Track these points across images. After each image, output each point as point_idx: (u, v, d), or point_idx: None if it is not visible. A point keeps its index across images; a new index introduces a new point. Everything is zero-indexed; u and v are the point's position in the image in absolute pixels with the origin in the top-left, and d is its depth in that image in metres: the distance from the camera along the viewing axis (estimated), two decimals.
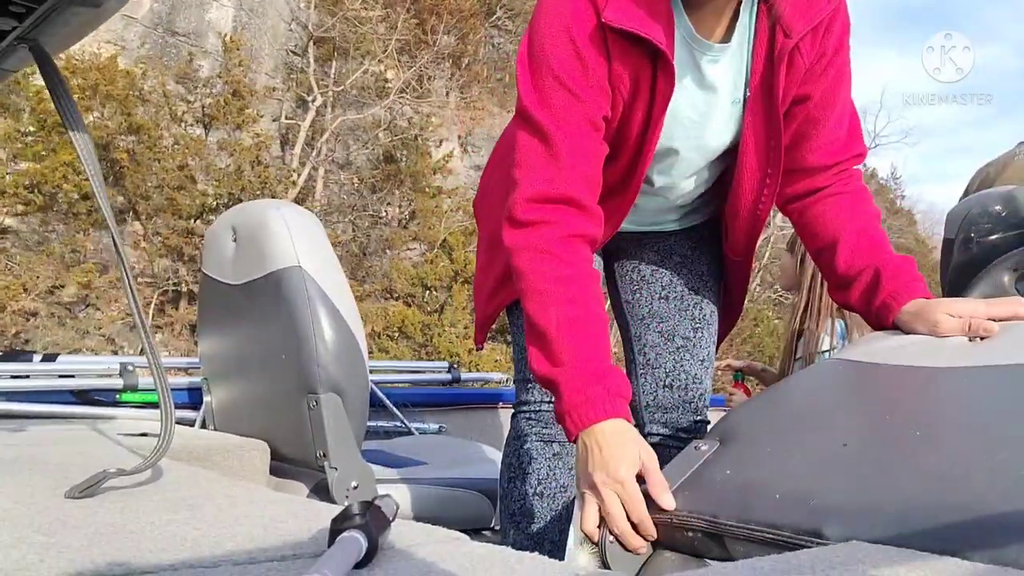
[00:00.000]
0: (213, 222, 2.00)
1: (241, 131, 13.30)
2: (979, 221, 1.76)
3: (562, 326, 1.12)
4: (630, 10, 1.15)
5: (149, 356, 1.06)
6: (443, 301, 14.55)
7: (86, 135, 1.00)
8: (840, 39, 1.25)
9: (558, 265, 1.16)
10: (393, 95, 15.45)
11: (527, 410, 1.46)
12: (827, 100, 1.27)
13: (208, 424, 2.04)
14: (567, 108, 1.17)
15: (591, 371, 1.10)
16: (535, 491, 1.43)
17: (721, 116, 1.30)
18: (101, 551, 0.74)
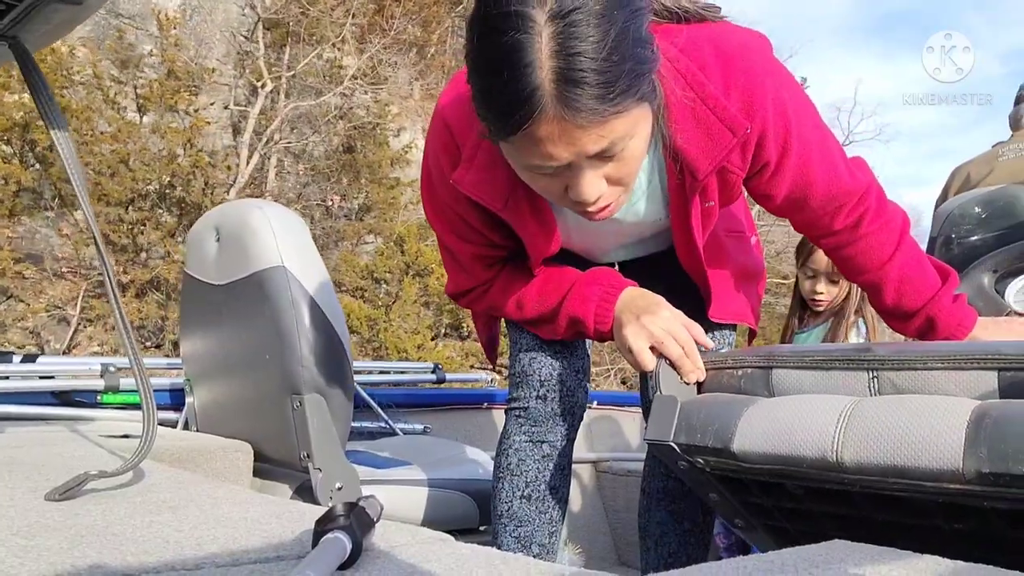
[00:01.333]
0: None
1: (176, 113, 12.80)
2: (960, 222, 1.78)
3: (538, 295, 1.30)
4: (477, 173, 1.17)
5: (131, 357, 1.06)
6: (394, 295, 14.28)
7: (67, 133, 1.00)
8: (784, 145, 1.15)
9: (502, 281, 1.34)
10: (347, 81, 14.99)
11: (516, 407, 1.44)
12: (802, 184, 1.21)
13: (191, 425, 2.02)
14: (461, 228, 1.29)
15: (580, 286, 1.27)
16: (523, 493, 1.42)
17: (641, 227, 1.32)
18: (82, 554, 0.73)
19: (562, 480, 1.44)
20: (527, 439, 1.42)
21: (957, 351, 0.92)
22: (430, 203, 1.31)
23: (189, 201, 12.04)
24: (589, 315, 1.25)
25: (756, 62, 1.11)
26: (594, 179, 1.00)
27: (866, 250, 1.29)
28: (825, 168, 1.21)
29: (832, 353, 1.02)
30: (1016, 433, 0.79)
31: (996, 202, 1.78)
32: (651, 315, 1.18)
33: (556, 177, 1.01)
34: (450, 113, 1.20)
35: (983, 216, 1.76)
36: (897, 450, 0.86)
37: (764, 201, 1.26)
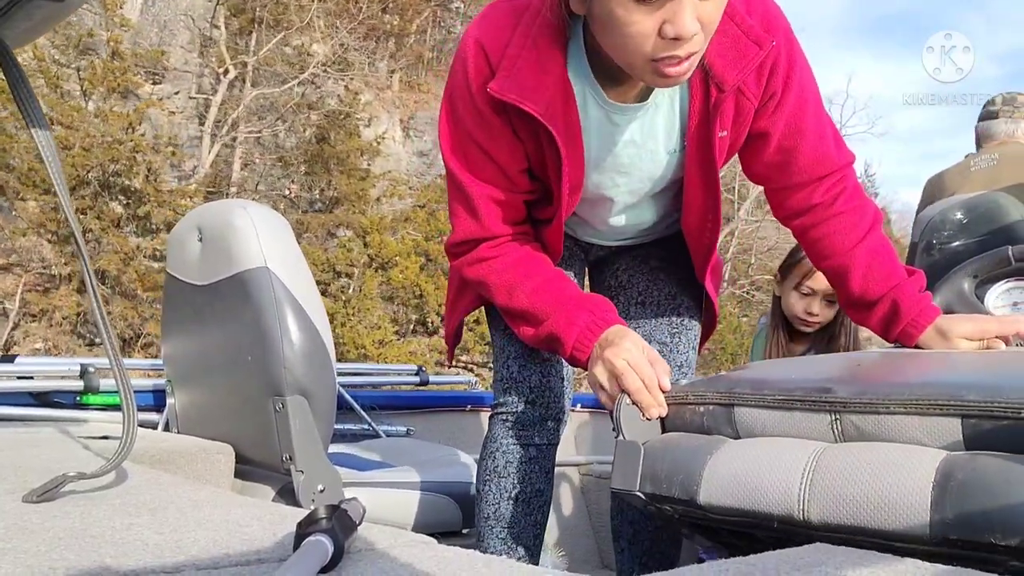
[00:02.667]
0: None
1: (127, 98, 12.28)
2: (941, 228, 1.80)
3: (532, 293, 1.29)
4: (516, 81, 1.19)
5: (111, 357, 1.05)
6: (355, 289, 13.77)
7: (48, 132, 0.99)
8: (787, 77, 1.24)
9: (503, 262, 1.32)
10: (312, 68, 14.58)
11: (504, 412, 1.46)
12: (794, 129, 1.28)
13: (172, 427, 2.01)
14: (480, 164, 1.28)
15: (574, 305, 1.27)
16: (510, 495, 1.43)
17: (654, 166, 1.33)
18: (60, 556, 0.72)
19: (547, 483, 1.46)
20: (514, 442, 1.44)
21: (920, 396, 0.90)
22: (451, 136, 1.29)
23: (134, 189, 11.69)
24: (570, 339, 1.25)
25: None
26: (694, 12, 1.03)
27: (838, 231, 1.33)
28: (816, 123, 1.29)
29: (793, 393, 1.00)
30: (982, 498, 0.77)
31: (978, 208, 1.80)
32: (614, 347, 1.18)
33: (655, 11, 1.03)
34: (484, 32, 1.22)
35: (964, 222, 1.78)
36: (863, 510, 0.85)
37: (763, 143, 1.30)
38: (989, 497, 0.77)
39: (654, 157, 1.31)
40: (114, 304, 11.79)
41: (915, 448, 0.88)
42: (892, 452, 0.88)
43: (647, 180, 1.36)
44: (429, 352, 13.20)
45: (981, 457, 0.82)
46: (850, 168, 1.34)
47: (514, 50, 1.19)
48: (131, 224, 11.93)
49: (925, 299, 1.32)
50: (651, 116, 1.27)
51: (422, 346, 13.37)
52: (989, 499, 0.77)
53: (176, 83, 14.14)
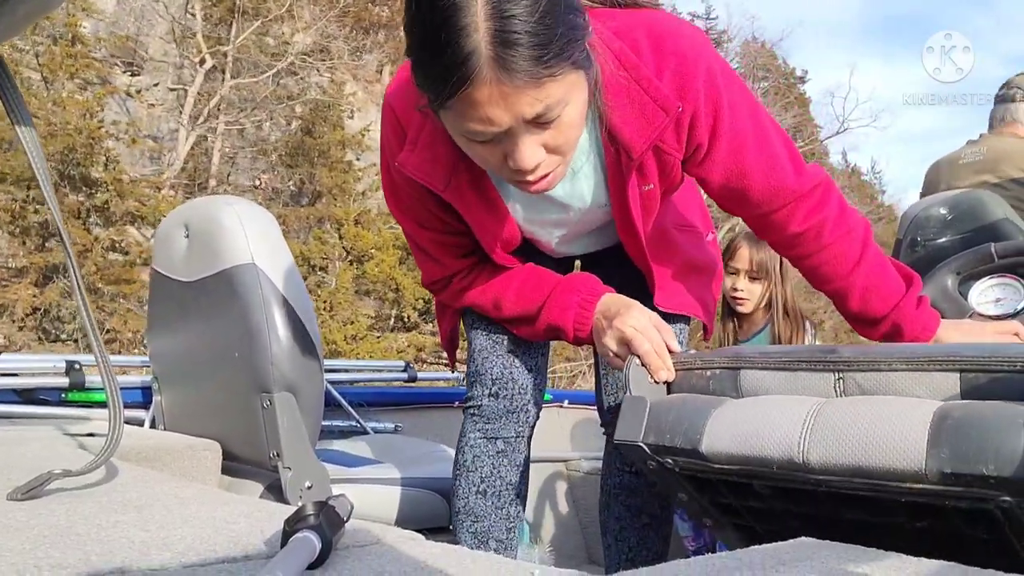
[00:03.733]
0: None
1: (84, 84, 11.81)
2: (926, 225, 1.81)
3: (517, 298, 1.33)
4: (422, 154, 1.19)
5: (97, 354, 1.04)
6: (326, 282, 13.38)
7: (33, 130, 0.98)
8: (712, 128, 1.17)
9: (479, 283, 1.36)
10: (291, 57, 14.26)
11: (471, 406, 1.46)
12: (736, 172, 1.22)
13: (158, 424, 2.00)
14: (420, 214, 1.31)
15: (560, 293, 1.30)
16: (479, 489, 1.44)
17: (589, 217, 1.33)
18: (45, 554, 0.72)
19: (518, 476, 1.46)
20: (481, 436, 1.44)
21: (920, 353, 0.94)
22: (391, 193, 1.33)
23: (93, 178, 11.43)
24: (568, 323, 1.29)
25: (689, 47, 1.14)
26: (532, 145, 1.01)
27: (831, 260, 1.30)
28: (763, 160, 1.22)
29: (800, 354, 1.04)
30: (976, 434, 0.81)
31: (961, 205, 1.81)
32: (622, 316, 1.22)
33: (495, 145, 1.02)
34: (396, 99, 1.22)
35: (948, 219, 1.79)
36: (861, 451, 0.87)
37: (705, 186, 1.29)
38: (981, 432, 0.81)
39: (584, 212, 1.31)
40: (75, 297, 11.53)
41: (914, 400, 0.91)
42: (892, 402, 0.91)
43: (583, 228, 1.36)
44: (407, 347, 12.97)
45: (975, 402, 0.86)
46: (821, 190, 1.26)
47: (419, 120, 1.18)
48: (95, 215, 11.64)
49: (924, 313, 1.30)
50: (571, 179, 1.24)
51: (399, 342, 13.12)
52: (981, 433, 0.81)
53: (155, 74, 13.85)
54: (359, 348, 12.25)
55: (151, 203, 12.08)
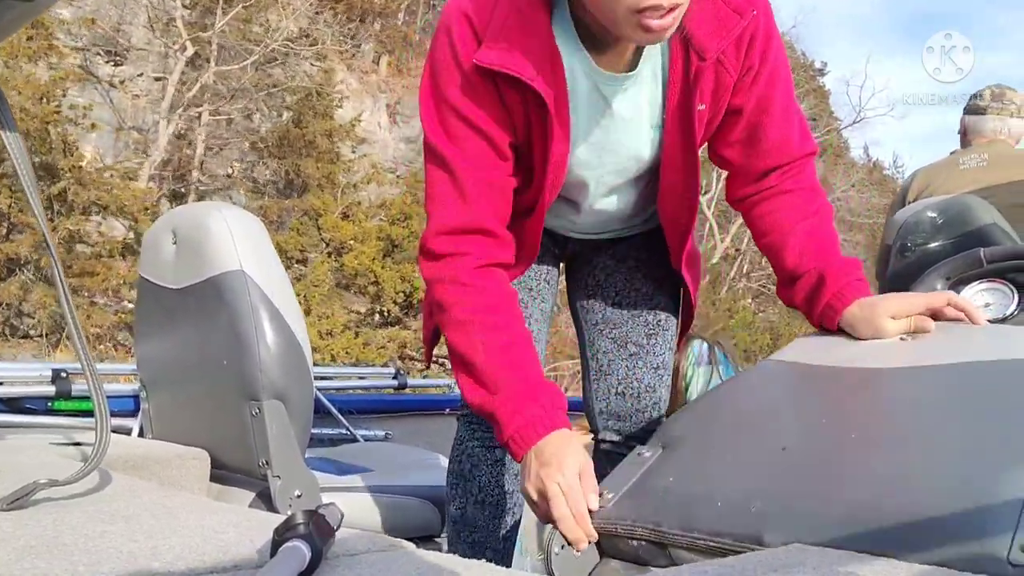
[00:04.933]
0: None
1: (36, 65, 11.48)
2: (916, 230, 1.82)
3: (489, 354, 1.17)
4: (503, 49, 1.17)
5: (83, 362, 1.03)
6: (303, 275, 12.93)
7: (17, 135, 0.97)
8: (764, 50, 1.25)
9: (476, 295, 1.20)
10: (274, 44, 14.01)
11: (469, 413, 1.44)
12: (764, 106, 1.29)
13: (146, 432, 1.98)
14: (469, 141, 1.21)
15: (525, 392, 1.15)
16: (476, 499, 1.42)
17: (639, 142, 1.32)
18: (31, 564, 0.71)
19: (515, 486, 1.44)
20: (479, 445, 1.42)
21: None
22: (435, 112, 1.24)
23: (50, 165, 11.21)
24: (509, 429, 1.15)
25: None
26: None
27: (783, 207, 1.32)
28: (785, 104, 1.30)
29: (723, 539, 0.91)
30: None
31: (950, 210, 1.82)
32: (550, 468, 1.09)
33: None
34: (468, 3, 1.20)
35: (938, 224, 1.80)
36: None
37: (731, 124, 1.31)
38: None
39: (639, 132, 1.31)
40: (35, 291, 11.25)
41: None
42: None
43: (631, 159, 1.34)
44: (388, 343, 12.72)
45: None
46: (812, 158, 1.35)
47: (500, 18, 1.18)
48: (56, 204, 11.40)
49: (855, 276, 1.27)
50: (638, 87, 1.26)
51: (379, 338, 12.90)
52: None
53: (139, 64, 13.60)
54: (334, 344, 12.01)
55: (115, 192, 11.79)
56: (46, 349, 11.12)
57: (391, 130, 17.91)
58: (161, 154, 13.03)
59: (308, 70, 15.62)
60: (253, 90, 14.31)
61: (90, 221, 12.02)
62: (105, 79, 12.69)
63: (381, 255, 13.31)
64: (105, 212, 12.00)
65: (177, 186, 14.09)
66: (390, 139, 17.75)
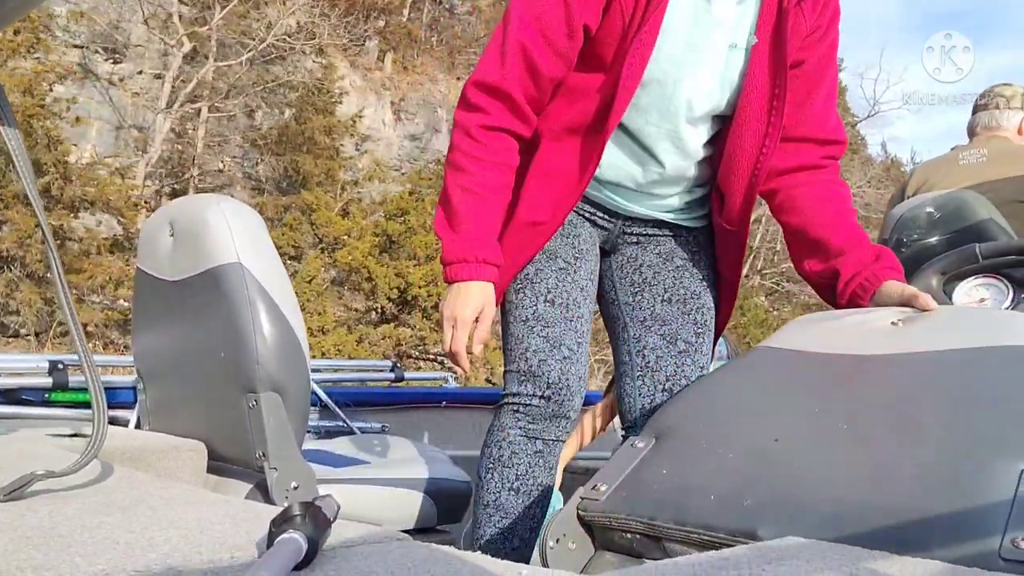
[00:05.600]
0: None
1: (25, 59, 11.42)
2: (911, 225, 1.82)
3: (464, 200, 1.39)
4: None
5: (80, 353, 1.03)
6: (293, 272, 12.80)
7: (16, 131, 0.97)
8: (832, 17, 1.36)
9: (477, 149, 1.39)
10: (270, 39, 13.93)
11: (515, 403, 1.46)
12: (819, 72, 1.38)
13: (143, 424, 1.98)
14: (545, 7, 1.31)
15: (476, 242, 1.38)
16: (511, 486, 1.44)
17: (715, 58, 1.36)
18: (28, 556, 0.71)
19: (549, 479, 1.47)
20: (521, 433, 1.45)
21: None
22: None
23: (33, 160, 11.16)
24: (449, 259, 1.39)
25: None
26: None
27: (813, 188, 1.41)
28: (831, 87, 1.43)
29: (717, 531, 0.93)
30: None
31: (947, 206, 1.82)
32: (456, 304, 1.38)
33: None
34: None
35: (934, 219, 1.81)
36: None
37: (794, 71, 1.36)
38: None
39: (717, 48, 1.35)
40: (22, 288, 11.17)
41: None
42: None
43: (714, 77, 1.37)
44: (382, 340, 12.68)
45: None
46: (843, 148, 1.44)
47: None
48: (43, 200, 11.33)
49: (891, 261, 1.36)
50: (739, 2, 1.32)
51: (372, 335, 12.85)
52: None
53: (138, 62, 13.50)
54: (325, 342, 11.96)
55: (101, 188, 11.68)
56: (35, 348, 11.03)
57: (395, 127, 17.85)
58: (158, 151, 12.94)
59: (309, 66, 15.52)
60: (250, 86, 14.21)
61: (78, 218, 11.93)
62: (104, 77, 12.59)
63: (377, 251, 13.25)
64: (93, 208, 11.92)
65: (175, 183, 14.03)
66: (394, 136, 17.69)
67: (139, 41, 13.70)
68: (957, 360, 1.05)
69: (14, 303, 11.26)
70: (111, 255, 12.08)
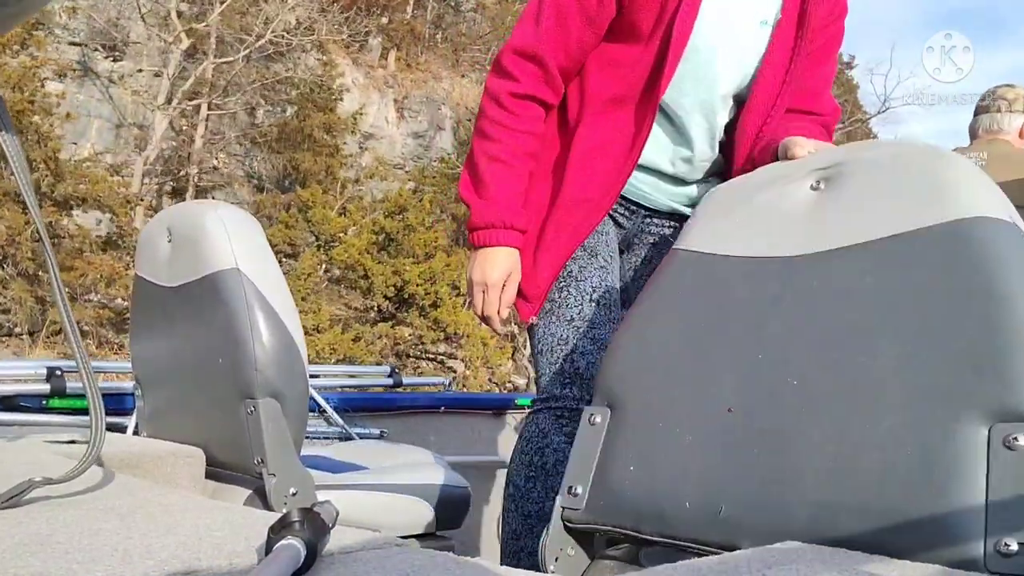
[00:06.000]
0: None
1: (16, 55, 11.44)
2: None
3: (491, 167, 1.43)
4: None
5: (78, 359, 1.03)
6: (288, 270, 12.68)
7: (15, 137, 0.97)
8: (842, 12, 1.42)
9: (505, 117, 1.43)
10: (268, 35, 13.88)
11: (559, 406, 1.41)
12: (824, 53, 1.43)
13: (141, 430, 1.98)
14: None
15: (502, 208, 1.42)
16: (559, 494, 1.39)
17: (747, 32, 1.39)
18: (25, 563, 0.71)
19: None
20: (567, 441, 1.37)
21: None
22: None
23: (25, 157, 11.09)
24: (476, 224, 1.43)
25: None
26: None
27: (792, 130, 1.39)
28: (831, 68, 1.50)
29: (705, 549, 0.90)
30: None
31: None
32: (484, 267, 1.43)
33: None
34: None
35: None
36: None
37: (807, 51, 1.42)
38: None
39: (748, 24, 1.38)
40: (12, 286, 11.10)
41: None
42: None
43: (746, 51, 1.40)
44: (377, 339, 12.61)
45: None
46: (834, 119, 1.47)
47: None
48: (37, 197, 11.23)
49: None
50: None
51: (368, 334, 12.79)
52: None
53: (139, 60, 13.44)
54: (319, 341, 11.89)
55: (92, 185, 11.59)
56: (28, 347, 10.96)
57: (399, 125, 17.82)
58: (156, 148, 12.89)
59: (311, 64, 15.48)
60: (246, 83, 14.13)
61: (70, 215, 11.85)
62: (104, 75, 12.55)
63: (375, 249, 13.18)
64: (85, 205, 11.85)
65: (175, 181, 13.99)
66: (397, 134, 17.67)
67: (138, 38, 13.66)
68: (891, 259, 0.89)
69: (5, 301, 11.20)
70: (103, 253, 12.00)
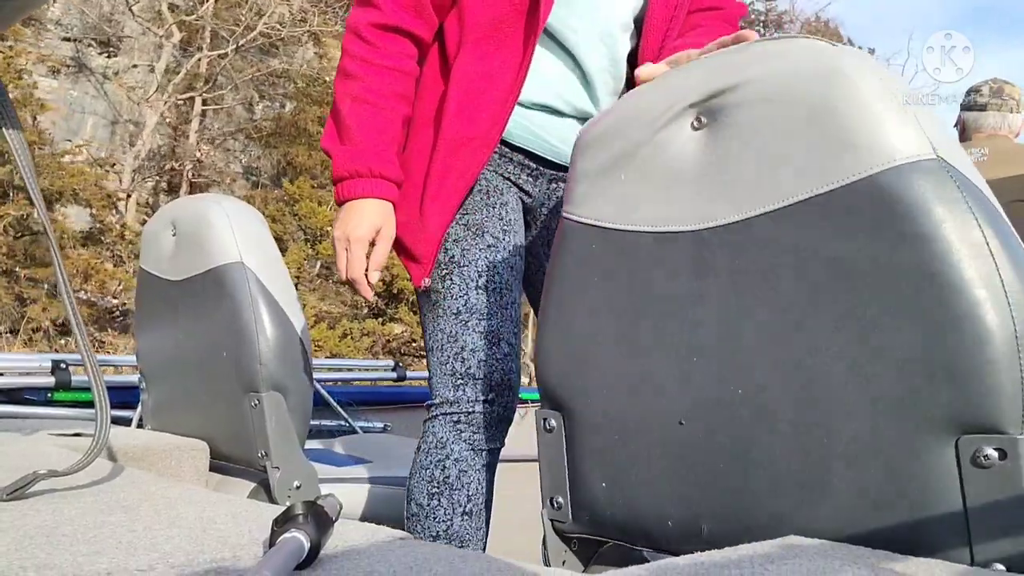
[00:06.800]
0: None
1: None
2: None
3: (355, 110, 1.27)
4: None
5: (83, 352, 1.03)
6: None
7: (20, 133, 0.97)
8: None
9: (370, 52, 1.28)
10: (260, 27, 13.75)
11: (455, 411, 1.28)
12: None
13: (145, 423, 1.99)
14: None
15: (369, 154, 1.26)
16: (465, 510, 1.25)
17: None
18: (30, 555, 0.72)
19: (492, 488, 1.32)
20: (468, 448, 1.27)
21: None
22: None
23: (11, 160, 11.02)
24: (340, 173, 1.27)
25: None
26: None
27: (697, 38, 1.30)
28: None
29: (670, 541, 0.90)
30: None
31: None
32: (350, 224, 1.25)
33: None
34: None
35: None
36: None
37: None
38: None
39: None
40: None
41: None
42: None
43: None
44: (361, 337, 12.56)
45: None
46: (740, 10, 1.41)
47: None
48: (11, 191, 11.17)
49: None
50: None
51: (355, 331, 12.77)
52: None
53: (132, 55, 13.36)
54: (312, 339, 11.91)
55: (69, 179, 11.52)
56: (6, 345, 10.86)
57: None
58: (147, 143, 12.83)
59: (308, 57, 15.40)
60: (239, 75, 14.03)
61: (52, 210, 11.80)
62: (98, 71, 12.50)
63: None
64: (63, 200, 11.79)
65: (169, 176, 13.96)
66: None
67: (132, 34, 13.58)
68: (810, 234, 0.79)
69: None
70: (83, 248, 11.93)
